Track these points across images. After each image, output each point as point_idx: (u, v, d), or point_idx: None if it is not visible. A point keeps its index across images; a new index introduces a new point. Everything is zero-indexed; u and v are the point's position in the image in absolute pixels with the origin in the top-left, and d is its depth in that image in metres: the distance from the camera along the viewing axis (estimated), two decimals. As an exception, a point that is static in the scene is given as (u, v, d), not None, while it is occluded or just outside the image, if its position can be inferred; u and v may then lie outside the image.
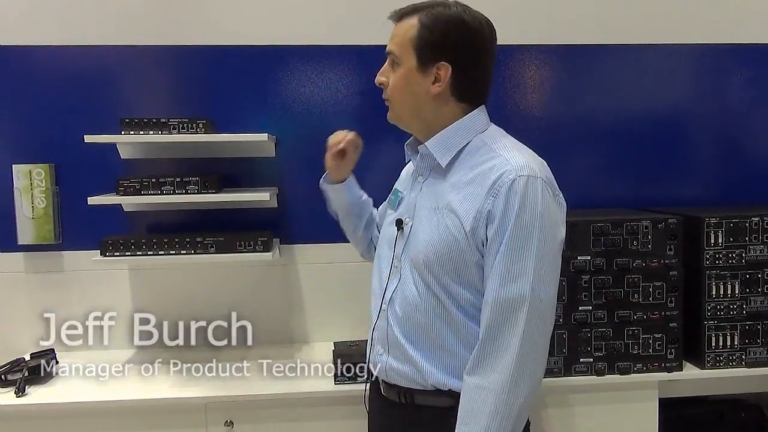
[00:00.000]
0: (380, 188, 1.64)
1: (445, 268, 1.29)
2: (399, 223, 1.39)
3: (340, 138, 1.62)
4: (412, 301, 1.34)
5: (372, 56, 2.12)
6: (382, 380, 1.43)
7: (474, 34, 1.33)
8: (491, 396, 1.22)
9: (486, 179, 1.27)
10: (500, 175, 1.25)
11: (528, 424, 1.38)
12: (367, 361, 1.48)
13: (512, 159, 1.28)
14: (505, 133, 1.40)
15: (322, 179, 1.67)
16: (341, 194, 1.67)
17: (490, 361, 1.23)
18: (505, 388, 1.21)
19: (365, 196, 1.72)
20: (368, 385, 1.54)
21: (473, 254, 1.28)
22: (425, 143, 1.37)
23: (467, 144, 1.35)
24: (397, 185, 1.55)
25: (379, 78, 1.39)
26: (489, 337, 1.24)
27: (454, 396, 1.31)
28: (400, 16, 1.37)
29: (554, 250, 1.27)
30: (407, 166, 1.59)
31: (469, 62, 1.34)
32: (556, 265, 1.28)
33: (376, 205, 1.74)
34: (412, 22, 1.33)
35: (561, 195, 1.31)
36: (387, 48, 1.38)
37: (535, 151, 1.37)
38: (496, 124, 1.41)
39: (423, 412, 1.35)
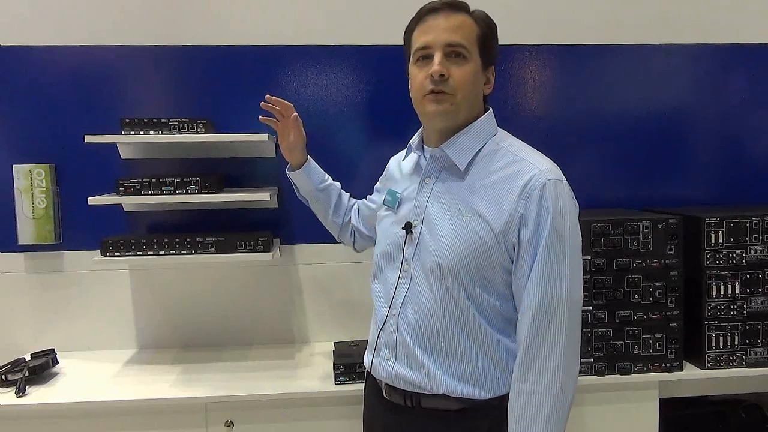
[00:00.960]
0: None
1: (471, 273, 1.29)
2: (408, 226, 1.37)
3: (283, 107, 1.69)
4: (428, 307, 1.32)
5: (372, 56, 2.14)
6: (386, 384, 1.41)
7: None
8: (545, 399, 1.23)
9: (514, 183, 1.28)
10: (530, 179, 1.26)
11: None
12: (369, 365, 1.45)
13: (537, 163, 1.29)
14: (511, 135, 1.41)
15: (287, 168, 1.74)
16: (303, 179, 1.73)
17: (540, 364, 1.24)
18: (558, 389, 1.23)
19: (329, 180, 1.78)
20: (365, 386, 1.54)
21: (501, 257, 1.28)
22: (441, 146, 1.35)
23: (482, 147, 1.35)
24: (391, 185, 1.52)
25: (441, 69, 1.29)
26: (535, 341, 1.25)
27: (463, 401, 1.31)
28: (454, 6, 1.32)
29: (579, 250, 1.30)
30: (396, 165, 1.56)
31: (496, 65, 1.40)
32: (581, 264, 1.30)
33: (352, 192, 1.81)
34: (469, 20, 1.33)
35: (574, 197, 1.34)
36: (449, 39, 1.29)
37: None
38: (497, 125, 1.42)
39: (430, 415, 1.35)
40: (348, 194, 1.82)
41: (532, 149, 1.36)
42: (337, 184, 1.79)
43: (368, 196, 1.75)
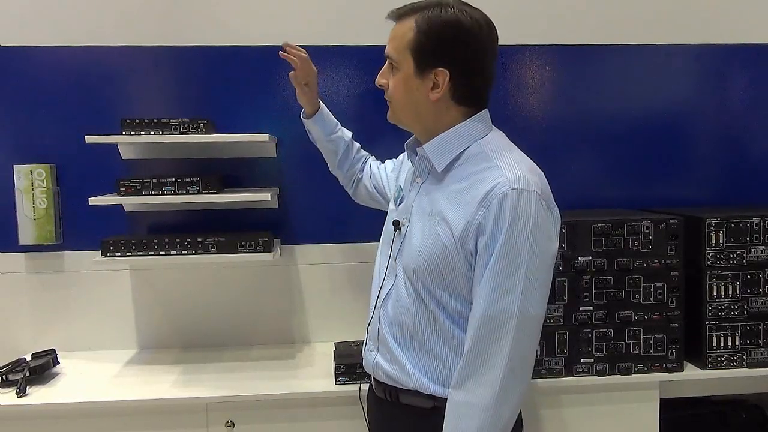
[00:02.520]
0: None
1: (434, 276, 1.29)
2: (396, 224, 1.39)
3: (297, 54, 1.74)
4: (403, 304, 1.34)
5: (372, 56, 2.13)
6: (373, 377, 1.44)
7: (472, 36, 1.28)
8: (477, 412, 1.21)
9: (479, 189, 1.25)
10: (493, 187, 1.22)
11: (521, 427, 1.37)
12: (362, 357, 1.50)
13: (508, 171, 1.24)
14: (505, 138, 1.37)
15: (301, 112, 1.81)
16: (314, 127, 1.80)
17: (477, 377, 1.22)
18: (491, 404, 1.20)
19: (340, 130, 1.83)
20: (364, 382, 1.56)
21: (461, 264, 1.26)
22: (423, 146, 1.36)
23: (465, 150, 1.32)
24: (400, 179, 1.56)
25: (379, 80, 1.39)
26: (475, 352, 1.22)
27: (435, 398, 1.31)
28: (398, 16, 1.35)
29: (545, 265, 1.24)
30: (407, 161, 1.57)
31: (468, 66, 1.30)
32: (547, 280, 1.26)
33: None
34: (410, 25, 1.30)
35: (556, 208, 1.30)
36: (386, 50, 1.36)
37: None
38: (496, 125, 1.40)
39: (407, 410, 1.36)
40: (359, 146, 1.86)
41: (515, 155, 1.31)
42: (348, 135, 1.84)
43: (386, 162, 1.81)
